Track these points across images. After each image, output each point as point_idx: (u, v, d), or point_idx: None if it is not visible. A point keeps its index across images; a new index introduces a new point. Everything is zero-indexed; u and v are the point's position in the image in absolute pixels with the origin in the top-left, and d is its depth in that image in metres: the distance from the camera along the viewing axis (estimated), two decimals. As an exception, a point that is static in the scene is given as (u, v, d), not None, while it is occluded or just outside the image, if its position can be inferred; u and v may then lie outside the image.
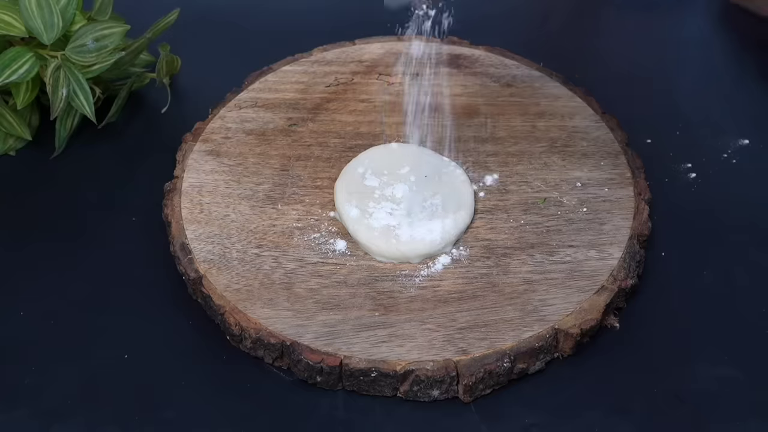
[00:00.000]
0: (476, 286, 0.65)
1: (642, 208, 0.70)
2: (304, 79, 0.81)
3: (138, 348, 0.66)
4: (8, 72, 0.72)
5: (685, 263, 0.70)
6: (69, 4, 0.75)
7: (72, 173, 0.78)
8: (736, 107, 0.82)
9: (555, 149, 0.75)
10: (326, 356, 0.62)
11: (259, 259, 0.68)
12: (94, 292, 0.70)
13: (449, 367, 0.61)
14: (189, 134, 0.77)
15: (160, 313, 0.68)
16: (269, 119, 0.78)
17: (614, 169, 0.73)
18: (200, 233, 0.69)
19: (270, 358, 0.64)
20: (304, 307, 0.65)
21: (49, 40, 0.74)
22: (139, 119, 0.83)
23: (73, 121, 0.79)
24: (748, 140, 0.78)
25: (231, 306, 0.65)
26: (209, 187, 0.73)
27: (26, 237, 0.74)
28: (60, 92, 0.74)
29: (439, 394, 0.62)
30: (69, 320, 0.68)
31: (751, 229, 0.72)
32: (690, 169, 0.76)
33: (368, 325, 0.63)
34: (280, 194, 0.72)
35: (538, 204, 0.71)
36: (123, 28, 0.76)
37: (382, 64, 0.82)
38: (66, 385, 0.64)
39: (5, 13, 0.74)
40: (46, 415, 0.62)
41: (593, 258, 0.67)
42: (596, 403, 0.62)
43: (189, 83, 0.86)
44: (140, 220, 0.74)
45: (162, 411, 0.62)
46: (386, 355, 0.62)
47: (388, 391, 0.62)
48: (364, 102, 0.79)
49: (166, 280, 0.70)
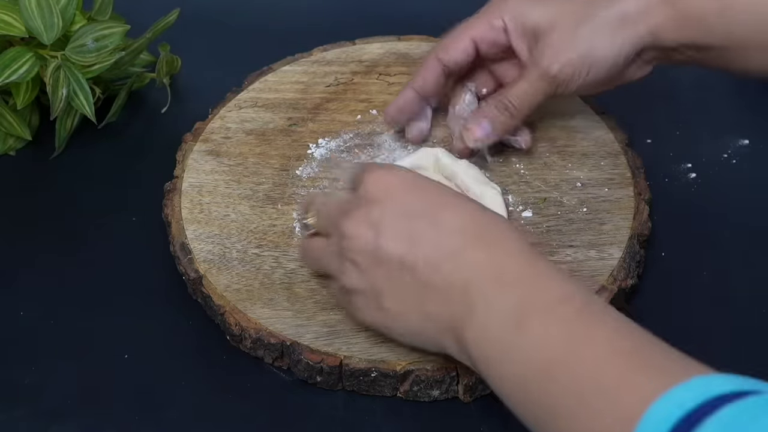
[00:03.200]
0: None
1: (642, 208, 0.70)
2: (304, 79, 0.81)
3: (138, 348, 0.66)
4: (8, 72, 0.72)
5: (685, 263, 0.70)
6: (69, 4, 0.75)
7: (72, 173, 0.78)
8: (736, 107, 0.82)
9: (555, 149, 0.75)
10: (326, 356, 0.62)
11: (259, 259, 0.68)
12: (94, 292, 0.69)
13: (449, 367, 0.61)
14: (189, 134, 0.77)
15: (160, 313, 0.68)
16: (269, 119, 0.78)
17: (614, 169, 0.73)
18: (200, 233, 0.69)
19: (270, 358, 0.64)
20: (304, 307, 0.65)
21: (49, 40, 0.74)
22: (139, 119, 0.83)
23: (73, 121, 0.79)
24: (748, 140, 0.78)
25: (231, 306, 0.65)
26: (209, 187, 0.73)
27: (26, 237, 0.74)
28: (60, 92, 0.73)
29: (439, 394, 0.62)
30: (69, 320, 0.68)
31: (751, 229, 0.72)
32: (690, 169, 0.76)
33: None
34: (280, 194, 0.72)
35: (538, 204, 0.71)
36: (123, 28, 0.76)
37: (382, 64, 0.82)
38: (66, 385, 0.64)
39: (5, 13, 0.74)
40: (46, 415, 0.62)
41: (593, 258, 0.67)
42: (596, 403, 0.62)
43: (189, 83, 0.85)
44: (140, 220, 0.74)
45: (162, 411, 0.62)
46: (386, 355, 0.62)
47: (388, 391, 0.62)
48: (364, 102, 0.79)
49: (166, 280, 0.70)
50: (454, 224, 0.55)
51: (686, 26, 0.65)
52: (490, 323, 0.52)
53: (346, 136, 0.76)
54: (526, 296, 0.52)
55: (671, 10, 0.65)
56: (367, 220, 0.56)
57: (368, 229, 0.56)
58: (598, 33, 0.66)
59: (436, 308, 0.55)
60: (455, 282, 0.54)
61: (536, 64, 0.67)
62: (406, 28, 0.85)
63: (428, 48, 0.82)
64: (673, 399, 0.43)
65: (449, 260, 0.54)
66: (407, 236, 0.55)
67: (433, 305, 0.55)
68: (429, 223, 0.55)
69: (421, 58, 0.81)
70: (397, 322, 0.57)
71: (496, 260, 0.54)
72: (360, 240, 0.56)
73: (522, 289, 0.52)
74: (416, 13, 0.90)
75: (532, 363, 0.50)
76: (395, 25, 0.85)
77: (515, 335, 0.51)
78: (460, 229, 0.55)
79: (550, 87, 0.67)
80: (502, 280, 0.53)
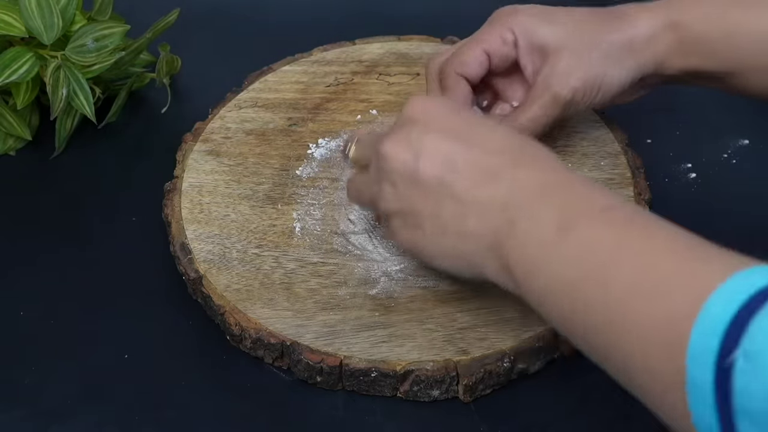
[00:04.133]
0: (476, 286, 0.65)
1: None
2: (304, 79, 0.81)
3: (138, 348, 0.66)
4: (8, 72, 0.72)
5: (685, 263, 0.70)
6: (69, 4, 0.75)
7: (72, 173, 0.78)
8: (736, 107, 0.82)
9: (555, 149, 0.74)
10: (326, 356, 0.62)
11: (259, 259, 0.68)
12: (94, 291, 0.70)
13: (449, 367, 0.61)
14: (189, 134, 0.77)
15: (160, 313, 0.68)
16: (269, 119, 0.78)
17: (614, 169, 0.73)
18: (200, 233, 0.69)
19: (270, 358, 0.64)
20: (304, 307, 0.65)
21: (49, 40, 0.74)
22: (139, 119, 0.83)
23: (73, 121, 0.79)
24: (748, 140, 0.78)
25: (231, 306, 0.65)
26: (209, 187, 0.73)
27: (26, 237, 0.74)
28: (60, 92, 0.74)
29: (439, 394, 0.62)
30: (69, 320, 0.68)
31: (751, 229, 0.72)
32: (690, 169, 0.76)
33: (368, 325, 0.63)
34: (280, 194, 0.72)
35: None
36: (123, 28, 0.76)
37: (382, 64, 0.82)
38: (66, 385, 0.64)
39: (5, 13, 0.74)
40: (45, 415, 0.62)
41: (593, 258, 0.67)
42: (596, 404, 0.62)
43: (189, 83, 0.85)
44: (140, 220, 0.74)
45: (162, 411, 0.62)
46: (386, 355, 0.62)
47: (388, 391, 0.62)
48: (364, 102, 0.79)
49: (166, 280, 0.70)
50: (492, 146, 0.56)
51: (690, 52, 0.66)
52: (534, 233, 0.52)
53: (346, 136, 0.76)
54: (569, 205, 0.52)
55: (676, 36, 0.65)
56: (406, 139, 0.57)
57: (407, 150, 0.56)
58: (608, 59, 0.66)
59: (475, 227, 0.54)
60: (495, 199, 0.54)
61: (548, 87, 0.67)
62: (406, 28, 0.85)
63: (428, 48, 0.82)
64: (738, 282, 0.43)
65: (488, 179, 0.54)
66: (446, 157, 0.55)
67: (472, 224, 0.54)
68: (468, 145, 0.56)
69: (421, 58, 0.81)
70: (434, 245, 0.57)
71: (535, 176, 0.54)
72: (398, 160, 0.57)
73: (565, 199, 0.52)
74: (416, 13, 0.90)
75: (581, 266, 0.49)
76: (395, 25, 0.85)
77: (561, 241, 0.50)
78: (499, 150, 0.55)
79: (562, 111, 0.68)
80: (544, 193, 0.53)
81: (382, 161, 0.58)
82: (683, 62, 0.66)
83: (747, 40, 0.65)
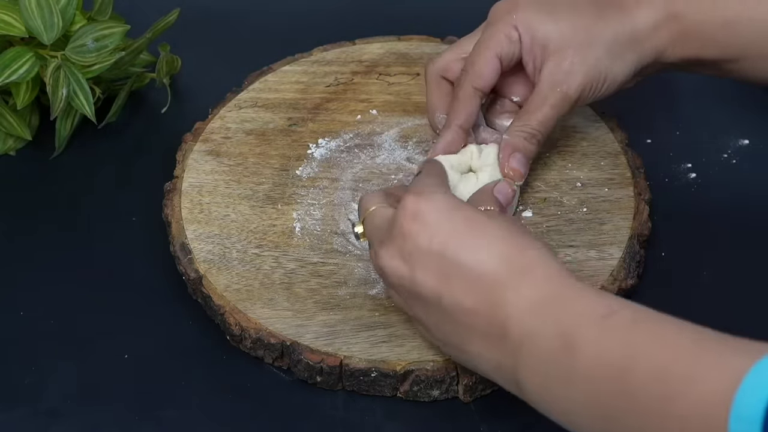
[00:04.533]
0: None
1: (642, 208, 0.70)
2: (304, 79, 0.81)
3: (138, 348, 0.66)
4: (8, 72, 0.72)
5: (685, 263, 0.70)
6: (69, 4, 0.75)
7: (72, 173, 0.78)
8: (736, 107, 0.82)
9: (555, 149, 0.74)
10: (326, 356, 0.62)
11: (259, 259, 0.68)
12: (94, 291, 0.70)
13: (449, 367, 0.61)
14: (189, 134, 0.77)
15: (160, 313, 0.68)
16: (269, 119, 0.78)
17: (614, 169, 0.73)
18: (200, 233, 0.69)
19: (270, 358, 0.64)
20: (304, 307, 0.65)
21: (49, 40, 0.74)
22: (139, 119, 0.83)
23: (73, 121, 0.79)
24: (748, 140, 0.78)
25: (231, 306, 0.65)
26: (209, 187, 0.73)
27: (26, 237, 0.74)
28: (60, 92, 0.74)
29: (439, 394, 0.62)
30: (69, 320, 0.68)
31: (751, 229, 0.72)
32: (690, 169, 0.76)
33: (368, 325, 0.63)
34: (280, 194, 0.72)
35: (538, 204, 0.71)
36: (123, 28, 0.76)
37: (382, 64, 0.82)
38: (66, 385, 0.64)
39: (5, 13, 0.74)
40: (45, 415, 0.62)
41: (593, 258, 0.67)
42: (596, 403, 0.62)
43: (189, 83, 0.85)
44: (140, 220, 0.74)
45: (162, 411, 0.62)
46: (386, 355, 0.62)
47: (388, 391, 0.62)
48: (364, 102, 0.79)
49: (166, 280, 0.70)
50: (490, 252, 0.54)
51: (690, 41, 0.66)
52: (539, 354, 0.51)
53: (346, 136, 0.76)
54: (569, 319, 0.51)
55: (676, 26, 0.65)
56: (400, 254, 0.56)
57: (402, 264, 0.56)
58: (611, 54, 0.66)
59: (480, 350, 0.54)
60: (494, 323, 0.53)
61: (555, 87, 0.66)
62: (406, 28, 0.85)
63: (428, 48, 0.82)
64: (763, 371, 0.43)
65: (484, 300, 0.53)
66: (440, 272, 0.55)
67: (477, 347, 0.54)
68: (463, 255, 0.54)
69: (421, 58, 0.81)
70: (447, 349, 0.58)
71: (531, 293, 0.53)
72: (395, 276, 0.57)
73: (563, 314, 0.51)
74: (416, 13, 0.90)
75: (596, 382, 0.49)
76: (395, 25, 0.85)
77: (568, 357, 0.50)
78: (497, 256, 0.54)
79: (570, 108, 0.68)
80: (542, 312, 0.52)
81: (381, 275, 0.59)
82: (683, 51, 0.66)
83: (746, 28, 0.64)
